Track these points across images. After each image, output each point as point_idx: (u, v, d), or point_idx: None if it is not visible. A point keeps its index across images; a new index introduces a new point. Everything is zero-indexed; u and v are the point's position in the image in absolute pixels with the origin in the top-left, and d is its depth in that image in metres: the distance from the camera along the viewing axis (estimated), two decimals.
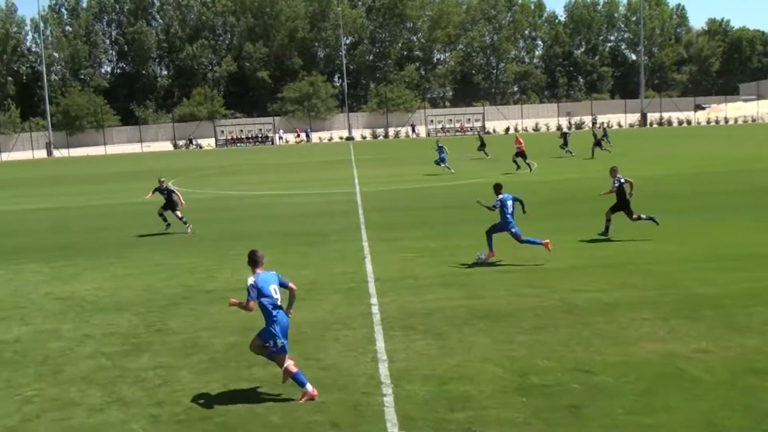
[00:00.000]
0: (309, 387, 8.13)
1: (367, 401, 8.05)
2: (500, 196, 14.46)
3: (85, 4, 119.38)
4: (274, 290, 8.24)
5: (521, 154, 32.97)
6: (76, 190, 35.61)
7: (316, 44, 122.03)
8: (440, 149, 33.27)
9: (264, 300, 8.14)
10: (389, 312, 11.41)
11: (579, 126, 75.29)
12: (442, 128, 75.54)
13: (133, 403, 8.48)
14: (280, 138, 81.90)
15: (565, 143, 40.29)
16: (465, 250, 15.78)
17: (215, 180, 36.35)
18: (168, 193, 20.06)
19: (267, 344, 8.22)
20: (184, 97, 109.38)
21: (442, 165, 33.16)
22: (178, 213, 20.15)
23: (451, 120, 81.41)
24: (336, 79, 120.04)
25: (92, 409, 8.37)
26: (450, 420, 7.44)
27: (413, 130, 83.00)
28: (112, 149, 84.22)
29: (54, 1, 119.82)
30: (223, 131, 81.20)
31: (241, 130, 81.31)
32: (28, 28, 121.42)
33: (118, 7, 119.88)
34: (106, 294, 13.57)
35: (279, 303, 8.21)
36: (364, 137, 79.70)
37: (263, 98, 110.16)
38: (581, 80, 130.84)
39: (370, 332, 10.49)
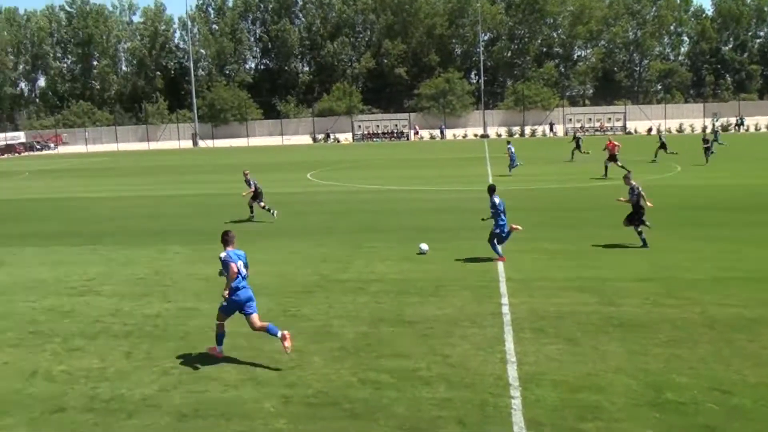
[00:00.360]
0: (219, 349, 9.76)
1: (494, 402, 7.96)
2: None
3: (231, 4, 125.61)
4: (241, 265, 9.69)
5: (612, 158, 31.15)
6: (218, 179, 37.57)
7: (454, 41, 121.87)
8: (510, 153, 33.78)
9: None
10: (520, 313, 11.22)
11: (725, 128, 70.54)
12: (581, 127, 73.11)
13: (265, 382, 8.85)
14: (416, 134, 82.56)
15: (577, 146, 38.71)
16: (604, 254, 15.24)
17: (351, 173, 37.19)
18: (255, 185, 21.62)
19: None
20: (324, 93, 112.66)
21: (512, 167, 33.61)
22: (263, 203, 21.76)
23: (590, 119, 78.78)
24: (472, 76, 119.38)
25: (227, 385, 8.83)
26: (579, 429, 7.23)
27: (551, 129, 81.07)
28: (254, 141, 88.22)
29: (201, 1, 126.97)
30: (360, 126, 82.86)
31: (378, 126, 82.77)
32: (176, 26, 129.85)
33: (262, 6, 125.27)
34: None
35: (244, 276, 9.69)
36: (499, 135, 78.72)
37: (400, 94, 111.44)
38: (728, 79, 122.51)
39: (500, 332, 10.36)
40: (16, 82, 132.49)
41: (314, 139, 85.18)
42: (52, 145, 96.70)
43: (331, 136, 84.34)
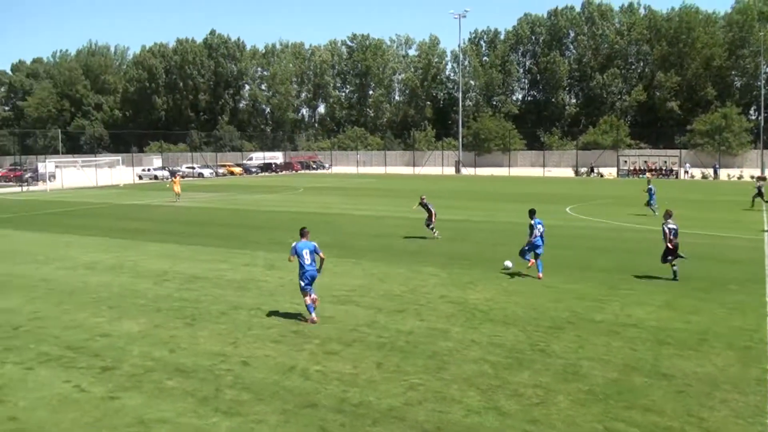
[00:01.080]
0: (314, 315, 13.18)
1: None
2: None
3: (503, 36, 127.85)
4: (306, 254, 13.36)
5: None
6: (478, 205, 38.14)
7: (733, 73, 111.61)
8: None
9: (300, 258, 13.30)
10: None
11: None
12: None
13: (509, 414, 8.70)
14: (686, 172, 76.85)
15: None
16: None
17: (613, 210, 35.56)
18: (427, 208, 24.22)
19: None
20: (589, 125, 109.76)
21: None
22: (432, 226, 24.16)
23: None
24: (751, 111, 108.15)
25: (469, 410, 8.83)
26: None
27: None
28: (515, 171, 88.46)
29: (474, 35, 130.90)
30: (626, 161, 79.16)
31: (645, 161, 78.48)
32: (448, 58, 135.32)
33: (534, 38, 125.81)
34: (496, 306, 14.22)
35: (307, 262, 13.30)
36: None
37: (671, 129, 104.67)
38: None
39: (763, 402, 9.13)
40: (298, 108, 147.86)
41: (576, 173, 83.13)
42: (326, 165, 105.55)
43: (595, 170, 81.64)
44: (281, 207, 38.87)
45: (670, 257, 17.04)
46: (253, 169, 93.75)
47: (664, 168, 76.57)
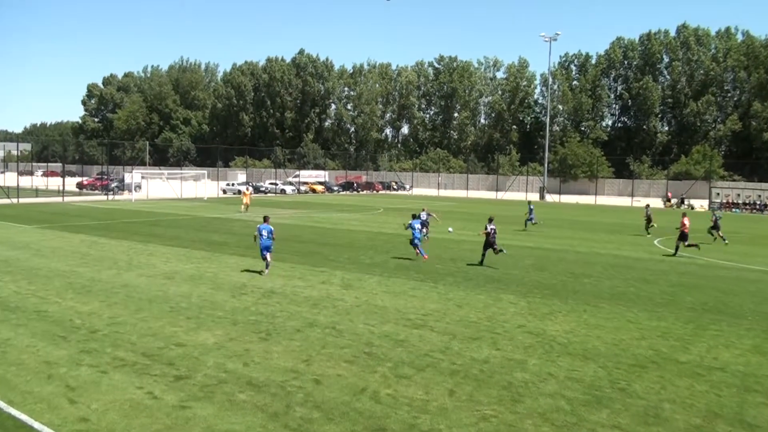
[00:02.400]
0: (267, 271, 20.70)
1: None
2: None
3: (594, 61, 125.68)
4: (264, 232, 20.64)
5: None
6: (561, 234, 37.39)
7: None
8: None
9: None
10: None
11: None
12: None
13: None
14: None
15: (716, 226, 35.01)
16: None
17: (702, 244, 34.16)
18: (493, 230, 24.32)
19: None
20: (681, 155, 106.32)
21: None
22: (496, 247, 24.13)
23: None
24: None
25: None
26: None
27: None
28: (602, 200, 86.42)
29: (564, 59, 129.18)
30: (718, 193, 76.13)
31: (738, 195, 75.20)
32: (537, 82, 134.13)
33: (626, 62, 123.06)
34: (576, 339, 13.85)
35: (264, 237, 20.68)
36: None
37: (767, 162, 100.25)
38: None
39: None
40: (382, 128, 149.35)
41: (666, 203, 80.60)
42: (407, 186, 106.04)
43: (685, 201, 78.85)
44: (360, 226, 39.21)
45: None
46: (335, 188, 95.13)
47: (758, 202, 73.06)
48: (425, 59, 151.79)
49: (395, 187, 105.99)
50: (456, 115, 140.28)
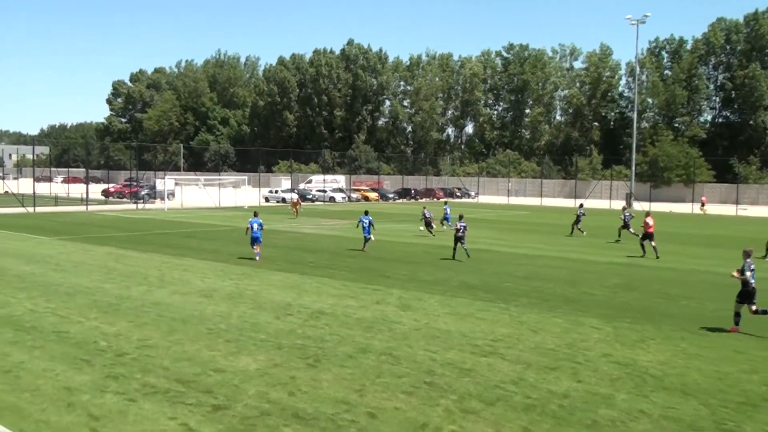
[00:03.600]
0: (258, 259, 28.38)
1: None
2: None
3: (689, 46, 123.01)
4: (255, 225, 28.05)
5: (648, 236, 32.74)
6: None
7: None
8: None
9: (252, 228, 28.28)
10: None
11: None
12: None
13: None
14: None
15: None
16: None
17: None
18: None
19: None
20: None
21: None
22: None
23: None
24: None
25: None
26: None
27: None
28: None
29: (654, 44, 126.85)
30: None
31: None
32: (622, 72, 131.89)
33: (728, 47, 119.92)
34: (673, 371, 13.52)
35: (255, 230, 28.02)
36: None
37: None
38: None
39: None
40: (443, 127, 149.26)
41: None
42: (472, 193, 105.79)
43: None
44: (418, 239, 39.18)
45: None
46: (390, 195, 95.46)
47: None
48: (492, 48, 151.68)
49: (458, 194, 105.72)
50: (528, 111, 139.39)
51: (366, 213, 33.52)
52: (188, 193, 76.64)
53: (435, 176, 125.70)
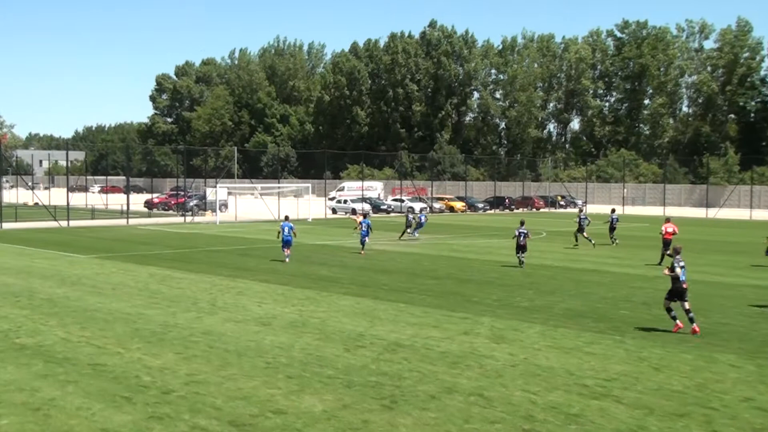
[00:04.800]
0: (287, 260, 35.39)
1: None
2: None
3: None
4: (285, 229, 35.36)
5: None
6: None
7: None
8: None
9: (282, 231, 35.76)
10: None
11: None
12: None
13: None
14: None
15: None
16: None
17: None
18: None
19: None
20: None
21: None
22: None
23: None
24: None
25: None
26: None
27: None
28: None
29: None
30: None
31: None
32: (765, 52, 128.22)
33: None
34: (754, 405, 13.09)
35: (285, 234, 35.36)
36: None
37: None
38: None
39: None
40: (543, 123, 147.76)
41: None
42: (579, 202, 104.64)
43: None
44: (514, 258, 38.85)
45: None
46: (480, 205, 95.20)
47: None
48: (602, 27, 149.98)
49: (563, 202, 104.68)
50: (647, 102, 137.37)
51: (365, 216, 40.71)
52: (243, 204, 77.78)
53: (533, 182, 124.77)
